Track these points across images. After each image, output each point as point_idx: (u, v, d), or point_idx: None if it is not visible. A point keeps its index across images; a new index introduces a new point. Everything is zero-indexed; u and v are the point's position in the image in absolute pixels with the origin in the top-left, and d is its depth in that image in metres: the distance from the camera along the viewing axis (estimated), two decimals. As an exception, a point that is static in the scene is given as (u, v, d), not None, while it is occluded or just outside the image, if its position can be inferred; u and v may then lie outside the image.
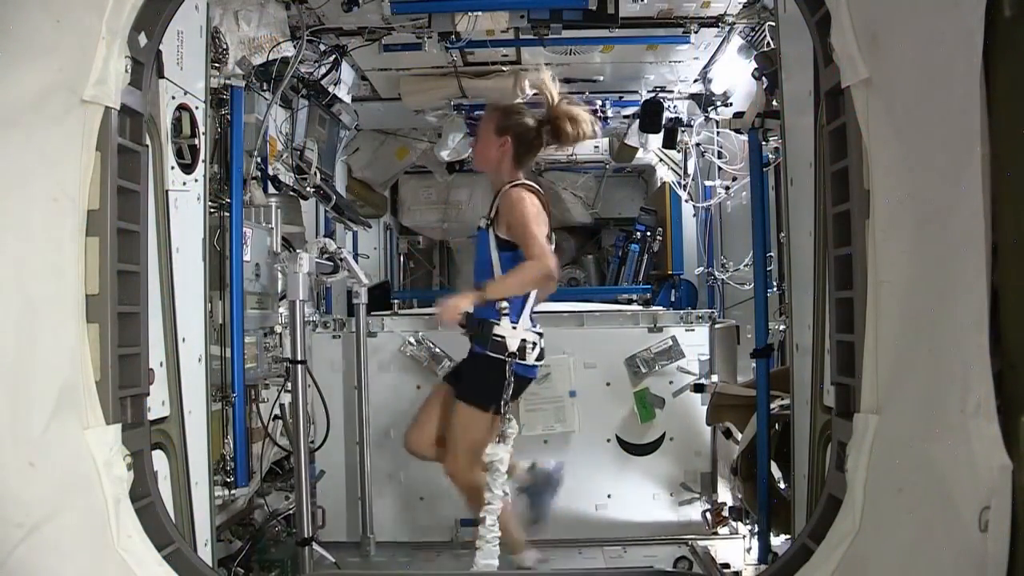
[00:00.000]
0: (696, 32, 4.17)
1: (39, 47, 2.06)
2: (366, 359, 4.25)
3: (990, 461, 1.50)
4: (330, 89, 4.51)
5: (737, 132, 4.19)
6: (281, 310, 3.87)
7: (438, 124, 5.64)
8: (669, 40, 4.32)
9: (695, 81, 5.12)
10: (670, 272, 6.32)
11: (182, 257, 2.70)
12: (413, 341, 4.34)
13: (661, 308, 4.99)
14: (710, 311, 4.51)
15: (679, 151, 5.79)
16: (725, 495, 4.24)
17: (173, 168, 2.72)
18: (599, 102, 5.26)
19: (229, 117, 3.46)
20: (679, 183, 6.00)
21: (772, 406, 3.31)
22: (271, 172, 3.89)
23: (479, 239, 3.58)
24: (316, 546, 3.54)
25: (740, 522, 3.97)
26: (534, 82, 3.52)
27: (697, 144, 5.46)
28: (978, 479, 1.53)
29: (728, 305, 5.50)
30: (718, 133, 5.07)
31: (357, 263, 4.42)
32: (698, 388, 4.24)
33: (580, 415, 4.33)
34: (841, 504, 2.09)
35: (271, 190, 3.90)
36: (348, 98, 4.83)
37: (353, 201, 6.12)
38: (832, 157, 2.24)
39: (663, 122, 5.14)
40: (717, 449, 4.34)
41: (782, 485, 3.31)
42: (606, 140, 6.12)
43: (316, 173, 4.34)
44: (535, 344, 3.48)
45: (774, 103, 3.40)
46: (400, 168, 6.77)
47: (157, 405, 2.52)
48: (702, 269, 5.85)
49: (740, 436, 3.79)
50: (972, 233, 1.57)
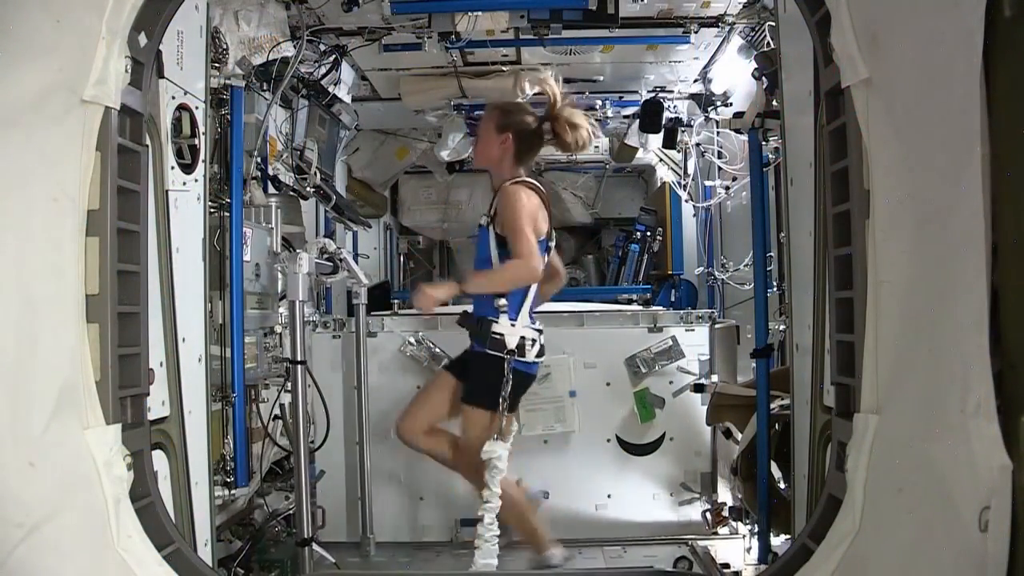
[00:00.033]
0: (696, 32, 4.17)
1: (39, 47, 2.05)
2: (366, 359, 4.24)
3: (990, 461, 1.50)
4: (330, 89, 4.51)
5: (737, 132, 4.19)
6: (281, 310, 3.87)
7: (438, 124, 5.64)
8: (669, 40, 4.33)
9: (695, 81, 5.12)
10: (670, 272, 6.32)
11: (182, 257, 2.70)
12: (413, 341, 4.33)
13: (661, 308, 4.99)
14: (710, 311, 4.50)
15: (679, 151, 5.79)
16: (725, 495, 4.24)
17: (173, 168, 2.72)
18: (599, 102, 5.27)
19: (229, 117, 3.46)
20: (679, 183, 6.00)
21: (772, 406, 3.31)
22: (271, 172, 3.89)
23: (479, 237, 3.59)
24: (316, 546, 3.53)
25: (740, 522, 3.96)
26: (537, 81, 3.52)
27: (697, 144, 5.46)
28: (978, 479, 1.53)
29: (728, 305, 5.49)
30: (718, 133, 5.07)
31: (357, 263, 4.42)
32: (698, 388, 4.24)
33: (580, 415, 4.33)
34: (841, 504, 2.09)
35: (271, 190, 3.90)
36: (348, 98, 4.83)
37: (353, 201, 6.12)
38: (832, 157, 2.24)
39: (663, 122, 5.14)
40: (717, 449, 4.33)
41: (782, 485, 3.30)
42: (606, 140, 6.12)
43: (316, 173, 4.34)
44: (535, 341, 3.48)
45: (774, 103, 3.40)
46: (400, 168, 6.77)
47: (157, 405, 2.52)
48: (702, 269, 5.85)
49: (740, 436, 3.79)
50: (972, 233, 1.57)
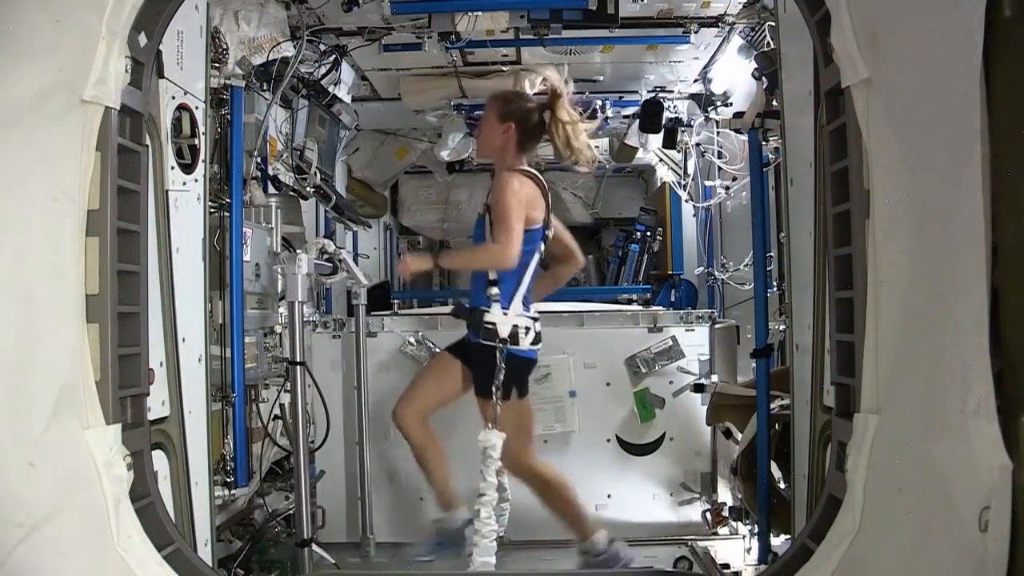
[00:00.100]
0: (696, 32, 4.17)
1: (39, 47, 2.05)
2: (366, 359, 4.24)
3: (990, 461, 1.50)
4: (330, 89, 4.51)
5: (737, 132, 4.19)
6: (281, 310, 3.87)
7: (438, 124, 5.64)
8: (669, 40, 4.33)
9: (695, 81, 5.12)
10: (670, 272, 6.32)
11: (182, 257, 2.70)
12: (413, 341, 4.34)
13: (661, 308, 4.99)
14: (710, 311, 4.51)
15: (679, 151, 5.78)
16: (725, 495, 4.24)
17: (173, 168, 2.72)
18: (599, 102, 5.26)
19: (229, 117, 3.46)
20: (679, 183, 6.00)
21: (772, 406, 3.31)
22: (271, 172, 3.89)
23: (477, 225, 3.63)
24: (316, 547, 3.53)
25: (740, 522, 3.96)
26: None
27: (697, 144, 5.45)
28: (978, 479, 1.53)
29: (728, 305, 5.49)
30: (718, 133, 5.06)
31: (357, 263, 4.42)
32: (698, 388, 4.24)
33: (580, 415, 4.33)
34: (841, 504, 2.09)
35: (271, 190, 3.90)
36: (348, 98, 4.83)
37: (353, 201, 6.12)
38: (832, 157, 2.24)
39: (663, 122, 5.14)
40: (717, 449, 4.34)
41: (782, 485, 3.30)
42: (606, 140, 6.11)
43: (316, 173, 4.34)
44: (528, 329, 3.48)
45: (774, 103, 3.40)
46: (400, 168, 6.77)
47: (157, 405, 2.52)
48: (702, 269, 5.84)
49: (740, 436, 3.78)
50: (972, 233, 1.57)
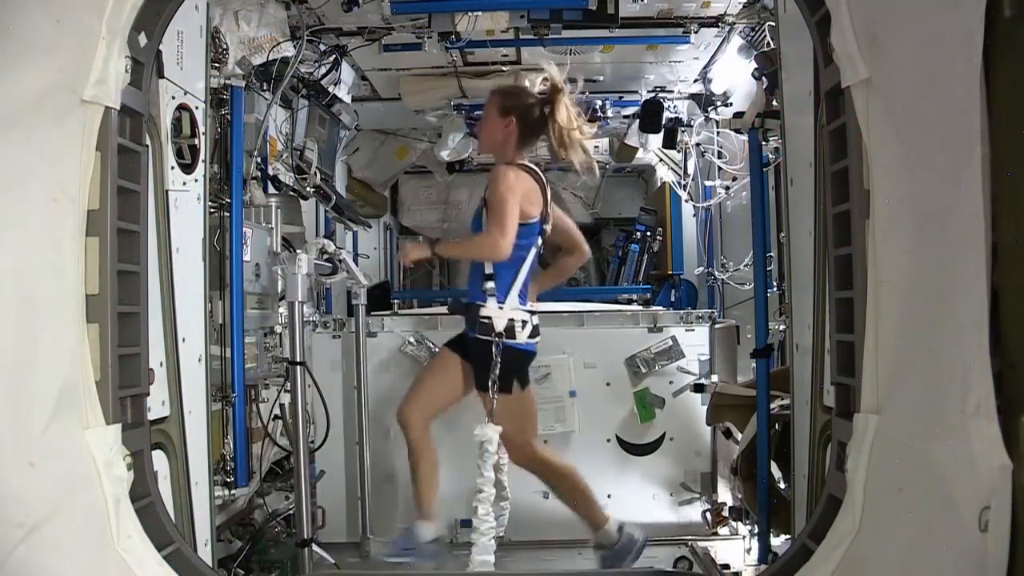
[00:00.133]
0: (696, 32, 4.18)
1: (39, 47, 2.05)
2: (366, 359, 4.24)
3: (990, 461, 1.50)
4: (330, 89, 4.51)
5: (737, 132, 4.19)
6: (281, 310, 3.87)
7: (438, 124, 5.64)
8: (669, 40, 4.33)
9: (695, 81, 5.12)
10: (670, 272, 6.32)
11: (182, 257, 2.70)
12: (413, 341, 4.34)
13: (661, 308, 4.99)
14: (710, 311, 4.51)
15: (679, 151, 5.78)
16: (725, 495, 4.24)
17: (173, 168, 2.72)
18: (599, 102, 5.26)
19: (229, 117, 3.46)
20: (679, 183, 6.00)
21: (772, 406, 3.31)
22: (271, 172, 3.89)
23: (474, 218, 3.65)
24: (316, 547, 3.53)
25: (740, 522, 3.96)
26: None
27: (697, 144, 5.45)
28: (978, 479, 1.53)
29: (728, 305, 5.49)
30: (718, 133, 5.07)
31: (357, 263, 4.42)
32: (698, 388, 4.24)
33: (580, 415, 4.33)
34: (841, 504, 2.08)
35: (271, 190, 3.90)
36: (348, 98, 4.83)
37: (353, 201, 6.13)
38: (832, 157, 2.24)
39: (663, 122, 5.14)
40: (717, 449, 4.33)
41: (782, 485, 3.30)
42: (606, 140, 6.12)
43: (316, 173, 4.34)
44: (525, 323, 3.48)
45: (774, 103, 3.40)
46: (400, 168, 6.78)
47: (157, 405, 2.52)
48: (702, 269, 5.84)
49: (740, 436, 3.78)
50: (972, 233, 1.56)
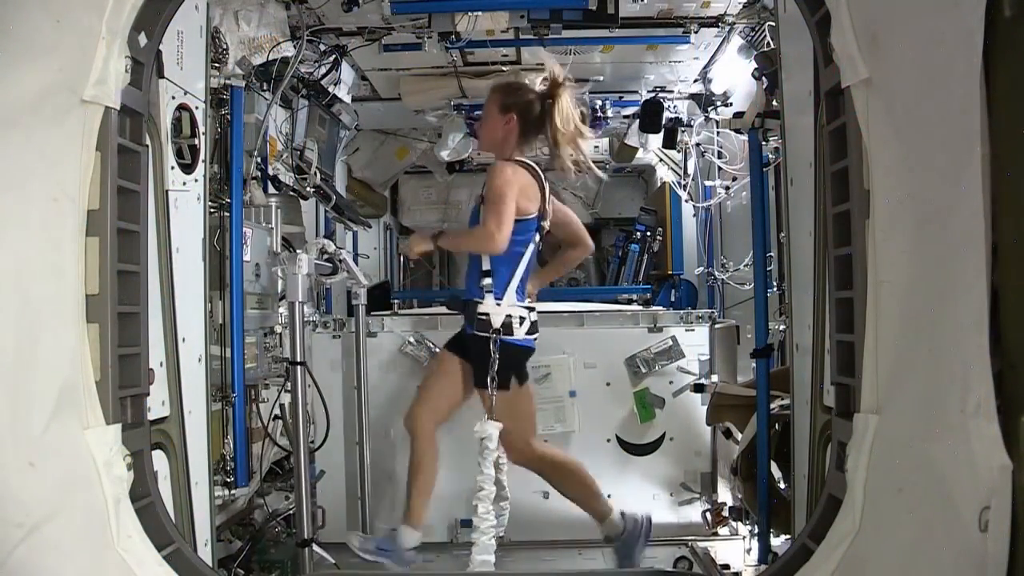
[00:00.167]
0: (696, 32, 4.17)
1: (39, 47, 2.05)
2: (366, 359, 4.24)
3: (990, 461, 1.50)
4: (330, 89, 4.51)
5: (737, 132, 4.19)
6: (281, 310, 3.87)
7: (438, 124, 5.63)
8: (669, 40, 4.33)
9: (695, 81, 5.12)
10: (670, 272, 6.32)
11: (182, 257, 2.70)
12: (413, 341, 4.34)
13: (661, 308, 4.99)
14: (710, 311, 4.51)
15: (679, 151, 5.78)
16: (725, 495, 4.24)
17: (173, 168, 2.72)
18: (599, 102, 5.26)
19: (229, 117, 3.46)
20: (679, 183, 6.00)
21: (772, 406, 3.30)
22: (271, 172, 3.89)
23: (472, 215, 3.66)
24: (316, 547, 3.53)
25: (740, 522, 3.96)
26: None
27: (697, 144, 5.45)
28: (978, 479, 1.53)
29: (728, 305, 5.49)
30: (718, 133, 5.06)
31: (357, 263, 4.42)
32: (698, 388, 4.24)
33: (580, 415, 4.33)
34: (841, 504, 2.08)
35: (271, 190, 3.90)
36: (348, 98, 4.83)
37: (353, 201, 6.12)
38: (832, 157, 2.24)
39: (663, 122, 5.14)
40: (717, 449, 4.33)
41: (782, 485, 3.30)
42: (606, 140, 6.11)
43: (316, 173, 4.34)
44: (523, 319, 3.48)
45: (774, 103, 3.40)
46: (400, 168, 6.77)
47: (157, 405, 2.52)
48: (702, 269, 5.84)
49: (740, 436, 3.78)
50: (972, 233, 1.56)
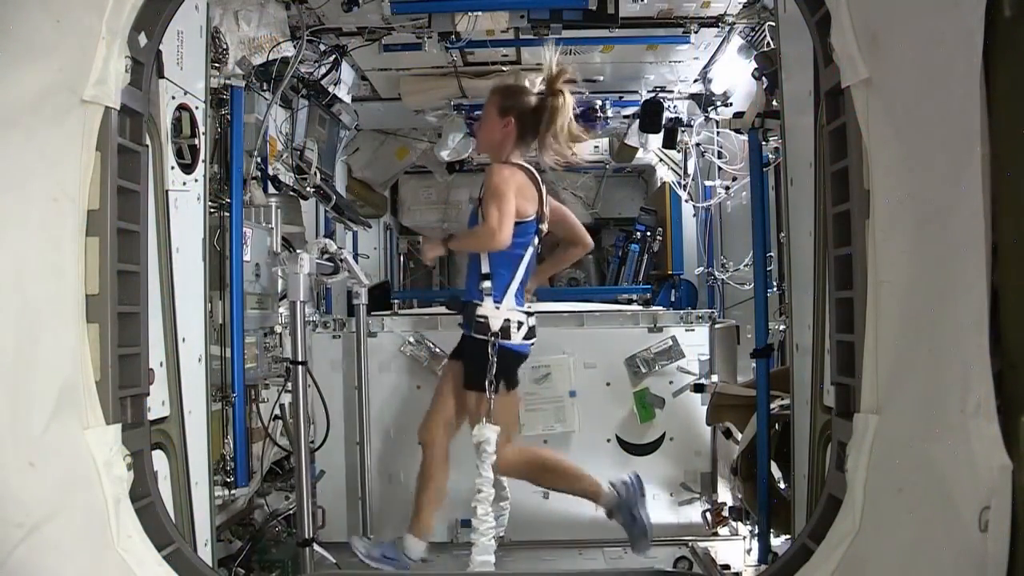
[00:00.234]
0: (696, 32, 4.17)
1: (39, 47, 2.05)
2: (366, 359, 4.25)
3: (990, 461, 1.50)
4: (330, 89, 4.51)
5: (737, 132, 4.19)
6: (281, 310, 3.87)
7: (438, 124, 5.64)
8: (669, 40, 4.33)
9: (695, 81, 5.12)
10: (670, 272, 6.32)
11: (182, 257, 2.70)
12: (413, 341, 4.34)
13: (661, 308, 4.99)
14: (710, 311, 4.51)
15: (679, 151, 5.78)
16: (725, 495, 4.24)
17: (173, 168, 2.72)
18: (599, 102, 5.26)
19: (229, 117, 3.46)
20: (679, 183, 6.00)
21: (772, 406, 3.31)
22: (271, 172, 3.89)
23: (470, 218, 3.67)
24: (316, 546, 3.53)
25: (740, 522, 3.96)
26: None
27: (697, 144, 5.45)
28: (978, 479, 1.53)
29: (728, 305, 5.49)
30: (718, 133, 5.06)
31: (357, 263, 4.42)
32: (698, 388, 4.24)
33: (580, 415, 4.33)
34: (841, 504, 2.08)
35: (271, 190, 3.90)
36: (348, 98, 4.83)
37: (353, 201, 6.12)
38: (832, 157, 2.24)
39: (663, 122, 5.14)
40: (717, 449, 4.34)
41: (782, 485, 3.30)
42: (606, 140, 6.11)
43: (316, 173, 4.34)
44: (521, 323, 3.48)
45: (774, 103, 3.40)
46: (400, 168, 6.77)
47: (157, 405, 2.52)
48: (702, 269, 5.84)
49: (740, 436, 3.79)
50: (972, 233, 1.57)
